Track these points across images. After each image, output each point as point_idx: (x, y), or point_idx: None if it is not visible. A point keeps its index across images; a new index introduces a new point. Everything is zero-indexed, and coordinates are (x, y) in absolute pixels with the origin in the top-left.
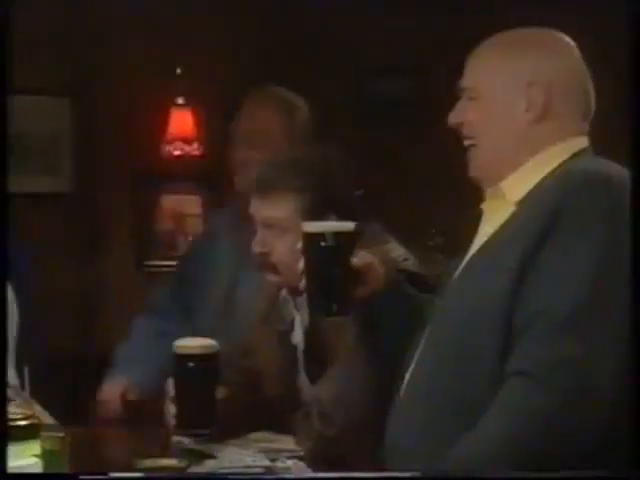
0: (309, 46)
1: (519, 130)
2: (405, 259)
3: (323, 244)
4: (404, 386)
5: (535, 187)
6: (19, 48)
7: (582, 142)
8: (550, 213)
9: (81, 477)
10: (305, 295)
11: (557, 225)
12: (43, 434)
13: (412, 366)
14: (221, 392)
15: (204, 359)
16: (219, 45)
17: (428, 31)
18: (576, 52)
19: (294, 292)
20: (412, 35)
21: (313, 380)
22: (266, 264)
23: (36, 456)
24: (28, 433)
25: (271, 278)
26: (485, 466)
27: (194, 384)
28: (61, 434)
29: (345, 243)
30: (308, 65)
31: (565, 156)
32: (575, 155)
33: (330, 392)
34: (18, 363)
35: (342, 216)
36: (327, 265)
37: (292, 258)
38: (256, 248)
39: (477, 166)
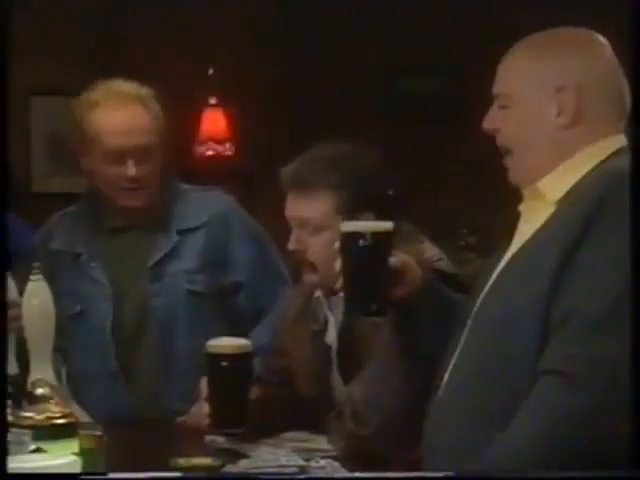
0: (339, 45)
1: (552, 135)
2: (439, 259)
3: (362, 243)
4: (443, 386)
5: (574, 187)
6: (51, 49)
7: (620, 141)
8: (588, 212)
9: (81, 477)
10: (341, 295)
11: (595, 223)
12: (80, 432)
13: (451, 366)
14: (255, 391)
15: (237, 358)
16: (247, 45)
17: (461, 31)
18: (608, 51)
19: (328, 292)
20: (445, 34)
21: (346, 380)
22: (303, 262)
23: (75, 454)
24: (66, 431)
25: (309, 277)
26: (517, 465)
27: (228, 383)
28: (98, 432)
29: (383, 242)
30: (338, 65)
31: (603, 156)
32: (613, 154)
33: (363, 392)
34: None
35: (378, 215)
36: (366, 265)
37: (328, 256)
38: (290, 245)
39: (512, 171)
